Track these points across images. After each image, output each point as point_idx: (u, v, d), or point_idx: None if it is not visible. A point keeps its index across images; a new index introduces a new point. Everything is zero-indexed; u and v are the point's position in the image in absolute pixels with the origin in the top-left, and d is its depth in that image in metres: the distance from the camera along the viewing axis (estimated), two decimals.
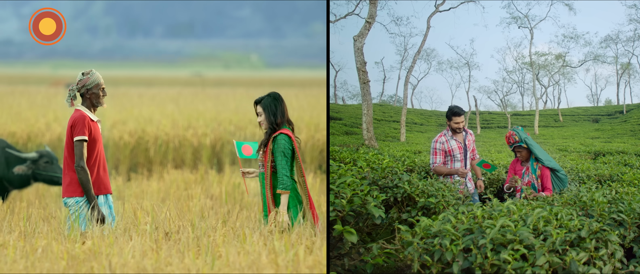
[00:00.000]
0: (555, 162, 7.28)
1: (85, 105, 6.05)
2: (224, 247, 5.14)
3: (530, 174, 7.31)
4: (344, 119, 27.80)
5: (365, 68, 17.13)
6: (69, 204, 5.92)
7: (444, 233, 3.73)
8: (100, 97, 6.04)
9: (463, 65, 31.73)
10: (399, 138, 24.39)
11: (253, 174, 6.04)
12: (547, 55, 28.56)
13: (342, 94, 34.47)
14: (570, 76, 29.80)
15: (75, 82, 6.09)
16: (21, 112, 16.48)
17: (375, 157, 10.12)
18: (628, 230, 4.11)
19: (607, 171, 9.34)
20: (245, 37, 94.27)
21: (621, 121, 26.44)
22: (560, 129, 27.51)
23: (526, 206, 5.17)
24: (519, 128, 7.47)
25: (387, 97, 35.97)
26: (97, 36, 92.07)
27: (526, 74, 30.49)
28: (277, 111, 5.79)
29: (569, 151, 16.75)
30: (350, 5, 28.53)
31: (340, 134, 24.21)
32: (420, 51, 23.36)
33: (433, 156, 7.56)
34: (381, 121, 30.31)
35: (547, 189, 7.12)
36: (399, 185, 6.12)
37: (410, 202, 6.17)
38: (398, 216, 6.15)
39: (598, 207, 4.59)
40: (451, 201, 5.92)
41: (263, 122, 5.85)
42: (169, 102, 20.66)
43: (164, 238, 5.58)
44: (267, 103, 5.83)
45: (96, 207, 5.88)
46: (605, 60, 28.03)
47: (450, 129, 7.52)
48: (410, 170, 10.17)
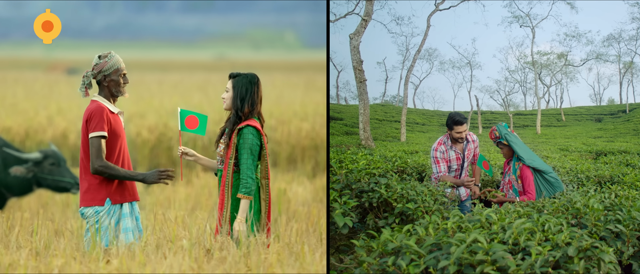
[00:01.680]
0: (542, 163, 6.47)
1: (103, 94, 5.00)
2: (280, 267, 4.30)
3: (510, 174, 6.58)
4: (345, 119, 27.32)
5: (361, 67, 16.51)
6: (87, 215, 4.88)
7: (405, 249, 3.04)
8: (120, 85, 5.03)
9: (465, 65, 31.06)
10: (399, 138, 23.87)
11: (192, 158, 5.08)
12: (549, 54, 27.84)
13: (344, 94, 33.87)
14: (572, 75, 29.07)
15: (91, 67, 5.02)
16: (17, 103, 14.21)
17: (363, 158, 9.46)
18: (626, 244, 3.39)
19: (607, 172, 8.64)
20: (278, 12, 74.71)
21: (624, 120, 25.73)
22: (563, 129, 26.84)
23: (512, 213, 4.48)
24: (502, 124, 6.73)
25: (389, 97, 35.38)
26: (98, 11, 73.11)
27: (528, 74, 29.79)
28: (247, 96, 4.89)
29: (570, 151, 16.03)
30: (350, 5, 27.84)
31: (340, 134, 23.64)
32: (420, 50, 22.72)
33: (436, 165, 6.81)
34: (383, 121, 29.92)
35: (527, 192, 6.37)
36: (375, 189, 5.43)
37: (388, 208, 5.49)
38: (374, 224, 5.48)
39: (592, 215, 3.89)
40: (431, 207, 5.22)
41: (226, 102, 4.93)
42: (195, 91, 17.80)
43: (205, 256, 4.59)
44: (240, 83, 4.92)
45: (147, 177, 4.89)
46: (608, 59, 27.27)
47: (450, 138, 6.78)
48: (400, 171, 9.50)
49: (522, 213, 4.42)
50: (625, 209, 4.04)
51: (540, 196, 6.21)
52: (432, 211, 5.17)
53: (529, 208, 4.67)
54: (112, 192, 4.93)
